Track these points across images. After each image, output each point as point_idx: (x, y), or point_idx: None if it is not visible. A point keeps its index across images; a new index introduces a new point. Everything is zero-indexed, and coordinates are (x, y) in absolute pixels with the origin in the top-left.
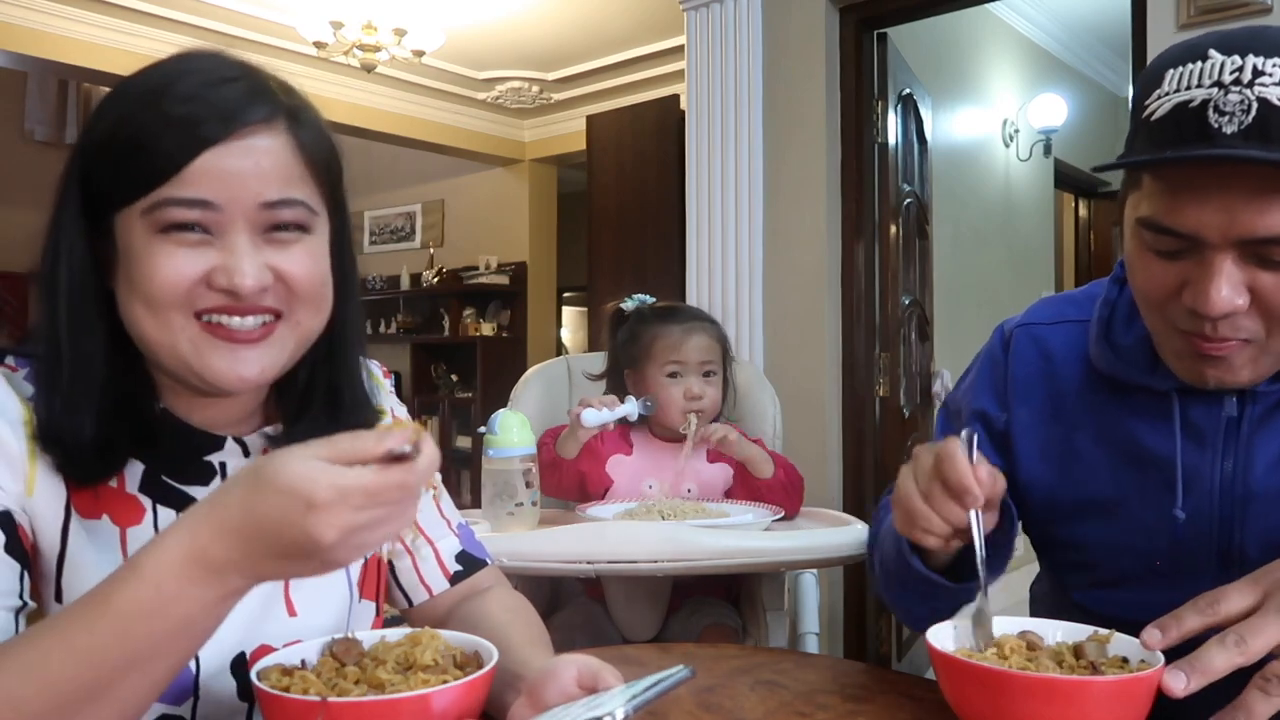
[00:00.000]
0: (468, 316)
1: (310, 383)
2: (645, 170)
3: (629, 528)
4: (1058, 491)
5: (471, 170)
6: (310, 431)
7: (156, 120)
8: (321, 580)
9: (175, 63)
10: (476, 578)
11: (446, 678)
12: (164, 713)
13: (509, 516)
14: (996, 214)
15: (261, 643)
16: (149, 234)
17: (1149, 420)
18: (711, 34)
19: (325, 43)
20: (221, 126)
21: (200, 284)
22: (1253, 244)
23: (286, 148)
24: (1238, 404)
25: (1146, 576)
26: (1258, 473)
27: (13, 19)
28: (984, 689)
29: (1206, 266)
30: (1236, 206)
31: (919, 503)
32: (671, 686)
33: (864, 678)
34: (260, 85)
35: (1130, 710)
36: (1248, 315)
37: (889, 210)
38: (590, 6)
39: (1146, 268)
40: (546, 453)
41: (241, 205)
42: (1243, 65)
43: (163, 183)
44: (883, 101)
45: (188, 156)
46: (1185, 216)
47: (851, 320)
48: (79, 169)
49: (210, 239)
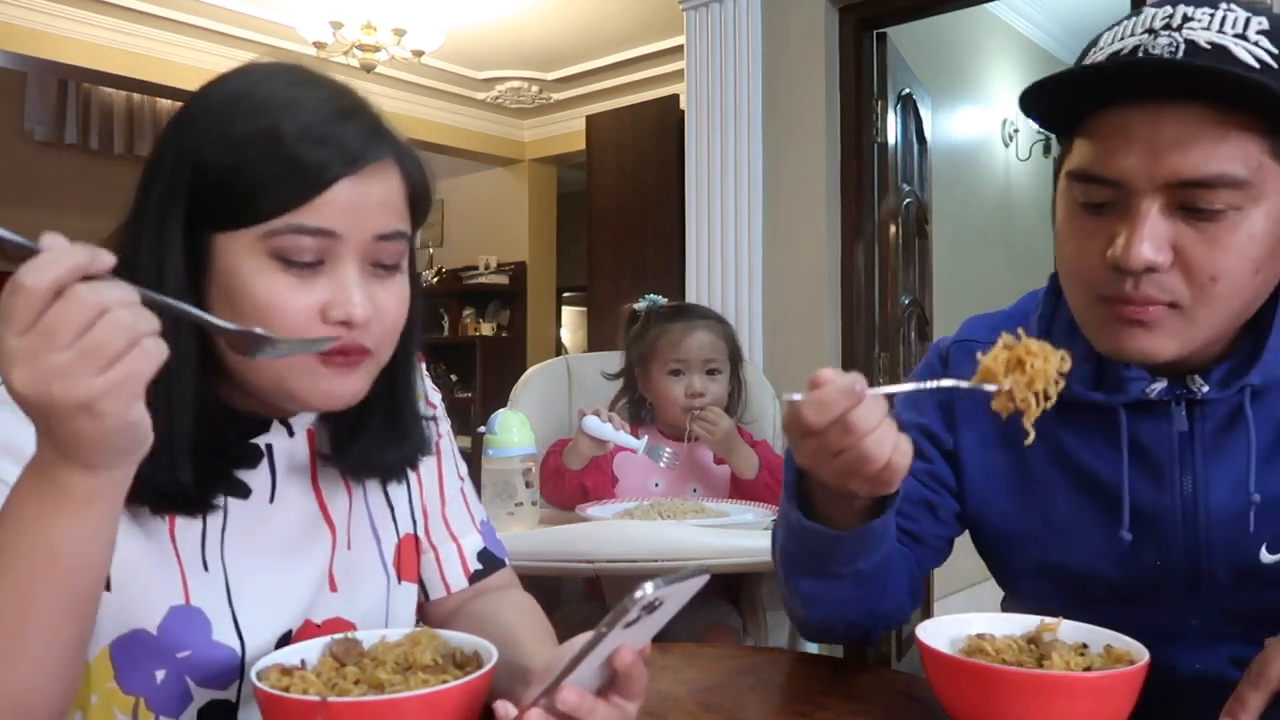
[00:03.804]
0: (467, 316)
1: (371, 401)
2: (645, 170)
3: (629, 528)
4: (1012, 517)
5: (471, 170)
6: (367, 447)
7: (286, 152)
8: (357, 553)
9: (280, 86)
10: (492, 577)
11: (446, 678)
12: (211, 698)
13: (509, 516)
14: (996, 214)
15: (306, 618)
16: (261, 257)
17: (1096, 439)
18: (711, 34)
19: (325, 43)
20: (350, 164)
21: (315, 317)
22: (1178, 188)
23: (398, 182)
24: (1186, 417)
25: (1111, 602)
26: (1220, 495)
27: (13, 19)
28: (975, 686)
29: (1132, 217)
30: (1161, 148)
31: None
32: (688, 575)
33: (864, 678)
34: (377, 121)
35: (1118, 704)
36: (1171, 275)
37: (888, 210)
38: (590, 6)
39: (1074, 229)
40: (553, 460)
41: (358, 237)
42: (1173, 13)
43: (289, 211)
44: (882, 101)
45: (319, 189)
46: (1112, 161)
47: (851, 320)
48: (183, 185)
49: (321, 269)
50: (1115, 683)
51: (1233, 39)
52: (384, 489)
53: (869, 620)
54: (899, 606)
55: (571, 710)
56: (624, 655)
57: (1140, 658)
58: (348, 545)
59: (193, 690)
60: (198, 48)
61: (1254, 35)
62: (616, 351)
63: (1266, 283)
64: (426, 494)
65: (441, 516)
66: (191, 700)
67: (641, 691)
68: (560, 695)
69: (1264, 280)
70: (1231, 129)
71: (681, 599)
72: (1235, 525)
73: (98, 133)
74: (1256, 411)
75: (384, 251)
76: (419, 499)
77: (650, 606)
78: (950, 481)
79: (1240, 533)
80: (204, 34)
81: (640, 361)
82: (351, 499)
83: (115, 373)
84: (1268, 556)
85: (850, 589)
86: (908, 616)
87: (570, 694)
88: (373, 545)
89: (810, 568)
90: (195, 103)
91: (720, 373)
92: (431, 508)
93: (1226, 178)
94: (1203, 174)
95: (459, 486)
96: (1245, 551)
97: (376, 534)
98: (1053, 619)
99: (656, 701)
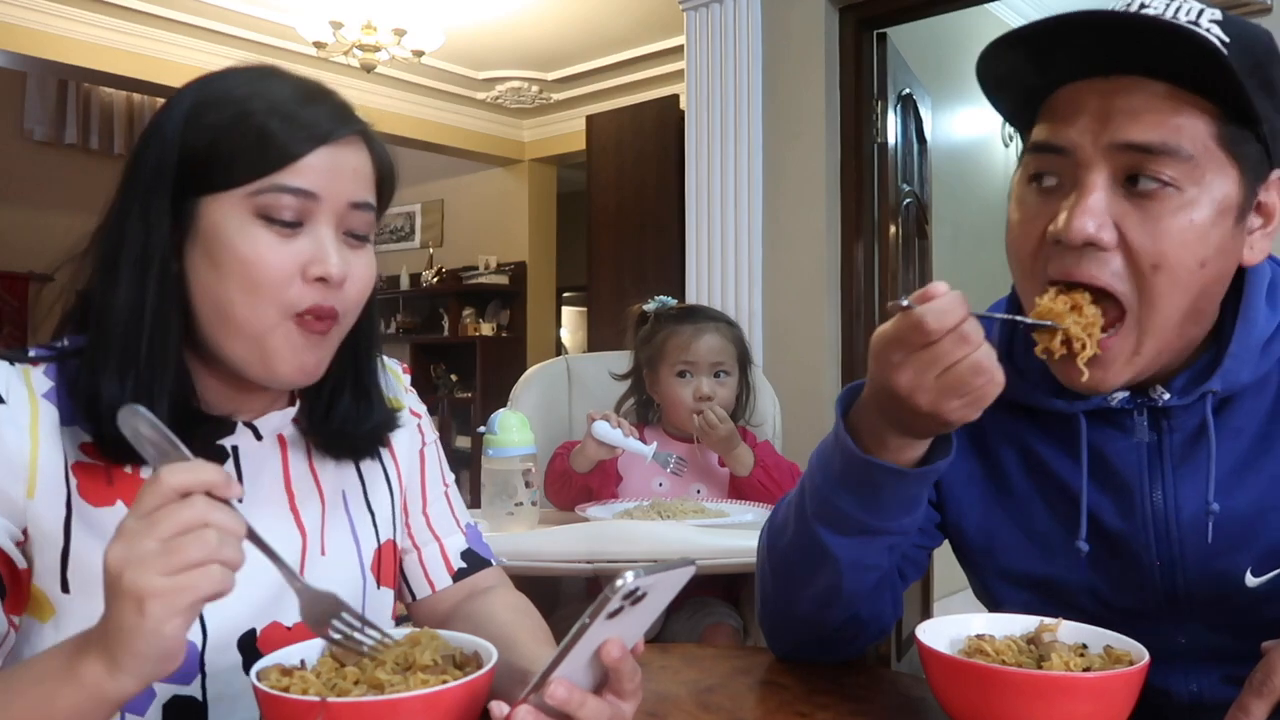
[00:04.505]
0: (467, 316)
1: (339, 375)
2: (645, 170)
3: (628, 528)
4: (990, 527)
5: (471, 170)
6: (343, 420)
7: (261, 127)
8: (332, 559)
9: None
10: (479, 576)
11: (446, 678)
12: (175, 694)
13: (509, 516)
14: (996, 214)
15: (274, 620)
16: (246, 215)
17: (1062, 448)
18: (711, 34)
19: (325, 43)
20: (333, 129)
21: (296, 273)
22: (1123, 151)
23: (369, 159)
24: (1154, 429)
25: (1098, 619)
26: (1191, 509)
27: (12, 19)
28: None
29: (1077, 191)
30: (1112, 115)
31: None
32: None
33: (864, 678)
34: (344, 105)
35: (1118, 705)
36: (1113, 256)
37: (888, 210)
38: (590, 6)
39: (1021, 210)
40: (559, 464)
41: (336, 201)
42: (1130, 1)
43: (275, 171)
44: (882, 101)
45: (305, 150)
46: (1063, 130)
47: (851, 320)
48: (168, 169)
49: (300, 230)
50: (1115, 683)
51: (1186, 25)
52: (365, 495)
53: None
54: (881, 614)
55: (561, 705)
56: (611, 650)
57: (1140, 658)
58: (322, 551)
59: (154, 686)
60: (198, 48)
61: (1206, 23)
62: (617, 351)
63: (1214, 282)
64: (408, 493)
65: (423, 514)
66: (154, 696)
67: (636, 690)
68: (549, 690)
69: (1211, 277)
70: (1182, 105)
71: (668, 591)
72: (1211, 541)
73: (98, 133)
74: (1224, 421)
75: (356, 220)
76: (400, 502)
77: (633, 596)
78: (930, 492)
79: (1219, 549)
80: (204, 34)
81: (649, 363)
82: (327, 506)
83: (176, 579)
84: (1253, 580)
85: (881, 554)
86: (886, 629)
87: (559, 688)
88: (352, 551)
89: (849, 523)
90: (167, 107)
91: (729, 375)
92: (413, 506)
93: (1171, 147)
94: (1149, 139)
95: (443, 490)
96: (1226, 570)
97: (357, 540)
98: (1052, 619)
99: (656, 701)
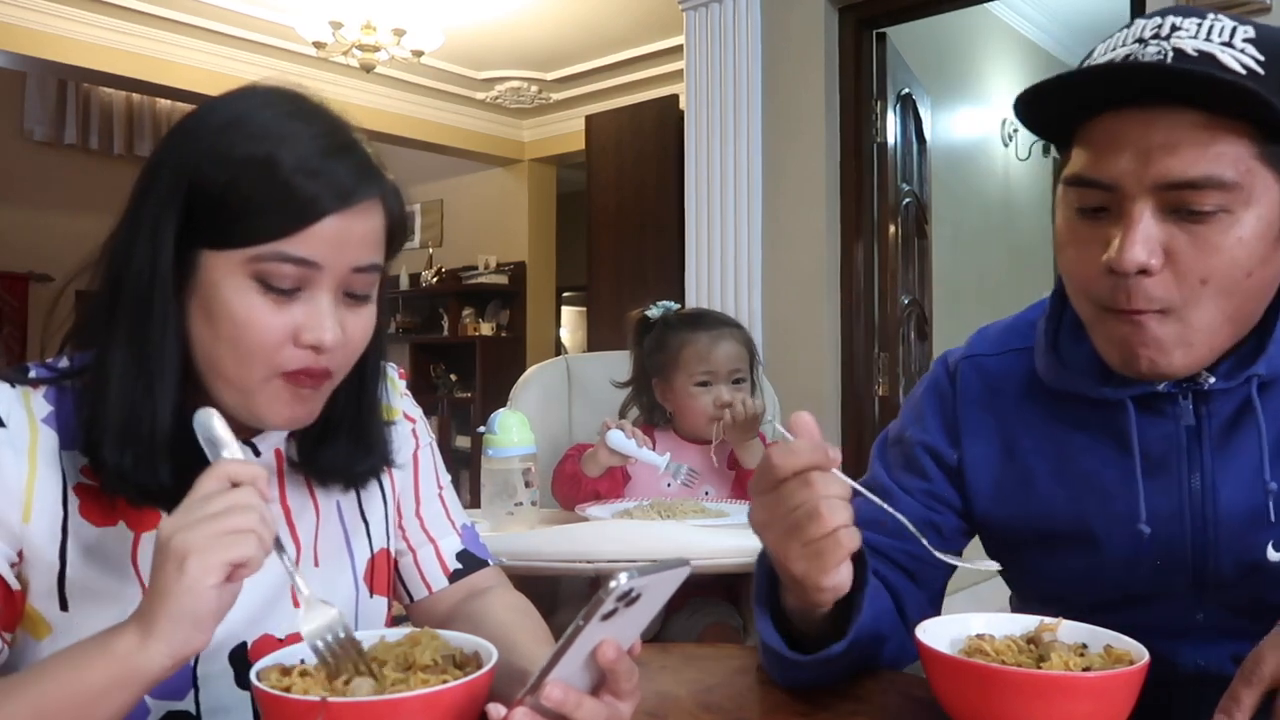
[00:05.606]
0: (467, 316)
1: (337, 419)
2: (645, 170)
3: (628, 528)
4: (1019, 526)
5: (470, 170)
6: (332, 460)
7: (280, 181)
8: (325, 570)
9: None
10: (477, 577)
11: (446, 678)
12: (169, 709)
13: (508, 516)
14: (995, 213)
15: (265, 632)
16: (243, 279)
17: (1105, 439)
18: (711, 34)
19: (324, 43)
20: (340, 201)
21: (287, 339)
22: (1168, 190)
23: (381, 219)
24: (1193, 413)
25: (1120, 603)
26: (1227, 491)
27: (12, 19)
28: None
29: (1125, 221)
30: (1152, 151)
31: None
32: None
33: (864, 678)
34: (368, 159)
35: (1118, 704)
36: (1163, 279)
37: (888, 210)
38: (590, 6)
39: (1071, 235)
40: (570, 466)
41: (338, 269)
42: (1162, 23)
43: (277, 239)
44: (882, 101)
45: (308, 221)
46: (1105, 165)
47: (851, 320)
48: (179, 198)
49: (298, 295)
50: (1115, 683)
51: (1219, 46)
52: (360, 506)
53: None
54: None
55: (557, 706)
56: (606, 650)
57: (1140, 658)
58: (314, 563)
59: (148, 702)
60: (198, 48)
61: (1240, 43)
62: (617, 351)
63: (1260, 287)
64: (403, 496)
65: (416, 516)
66: (149, 713)
67: (633, 690)
68: (545, 691)
69: (1257, 284)
70: (1220, 133)
71: (663, 592)
72: (1243, 522)
73: (97, 133)
74: (1266, 404)
75: (358, 282)
76: (394, 509)
77: (627, 598)
78: (952, 498)
79: (1248, 529)
80: (204, 34)
81: (660, 370)
82: (320, 517)
83: (218, 539)
84: (1274, 555)
85: (827, 670)
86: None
87: (555, 690)
88: (345, 562)
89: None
90: (196, 118)
91: (745, 381)
92: (406, 509)
93: (1215, 179)
94: (1191, 176)
95: (437, 491)
96: (1252, 548)
97: (350, 550)
98: (1052, 619)
99: (656, 701)
